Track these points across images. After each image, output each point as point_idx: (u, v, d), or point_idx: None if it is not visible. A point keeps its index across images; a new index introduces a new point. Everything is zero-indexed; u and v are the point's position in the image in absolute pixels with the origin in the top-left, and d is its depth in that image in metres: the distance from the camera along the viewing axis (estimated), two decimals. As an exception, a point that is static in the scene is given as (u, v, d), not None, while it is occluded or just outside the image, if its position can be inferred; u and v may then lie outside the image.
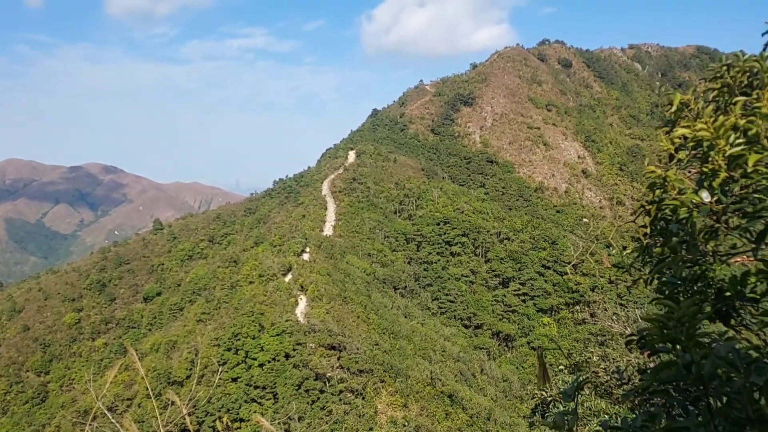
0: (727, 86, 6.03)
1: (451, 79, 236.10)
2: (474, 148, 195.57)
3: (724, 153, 5.31)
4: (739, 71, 5.91)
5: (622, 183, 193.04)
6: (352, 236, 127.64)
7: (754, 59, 5.78)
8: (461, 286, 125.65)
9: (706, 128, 5.39)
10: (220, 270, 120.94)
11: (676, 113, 6.48)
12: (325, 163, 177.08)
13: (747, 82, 5.90)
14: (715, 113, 6.26)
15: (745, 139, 5.40)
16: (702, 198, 5.15)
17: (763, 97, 5.45)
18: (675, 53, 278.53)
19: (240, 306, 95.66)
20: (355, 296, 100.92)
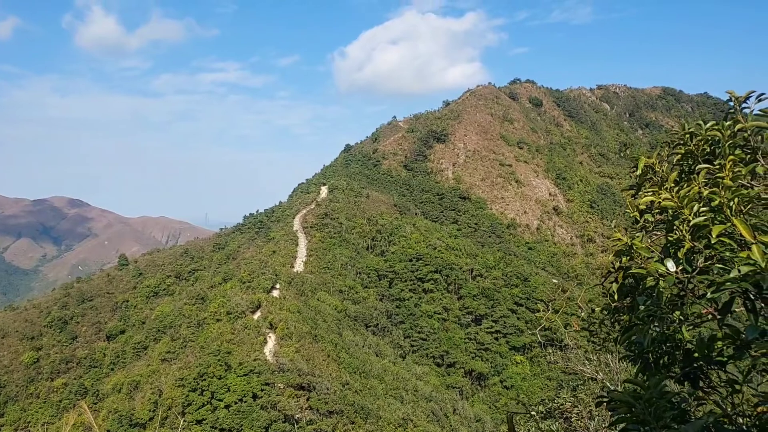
0: (690, 153, 5.74)
1: (424, 115, 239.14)
2: (447, 185, 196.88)
3: (688, 223, 4.93)
4: (701, 139, 5.63)
5: (592, 220, 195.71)
6: (323, 272, 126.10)
7: (716, 128, 5.50)
8: (434, 323, 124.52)
9: (671, 198, 5.05)
10: (187, 307, 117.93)
11: (641, 176, 6.16)
12: (296, 198, 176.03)
13: (709, 150, 5.61)
14: (679, 177, 5.93)
15: (709, 209, 5.02)
16: (667, 268, 4.89)
17: (725, 167, 5.13)
18: (642, 94, 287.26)
19: (206, 344, 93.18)
20: (325, 334, 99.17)
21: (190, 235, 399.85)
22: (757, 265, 4.19)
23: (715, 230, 4.72)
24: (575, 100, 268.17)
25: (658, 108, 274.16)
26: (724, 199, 4.79)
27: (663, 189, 5.41)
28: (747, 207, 4.95)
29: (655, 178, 6.12)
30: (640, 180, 6.12)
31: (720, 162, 5.08)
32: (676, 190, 5.00)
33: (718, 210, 4.86)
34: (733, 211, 4.87)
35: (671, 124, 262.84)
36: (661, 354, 5.17)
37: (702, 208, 4.96)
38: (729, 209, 4.90)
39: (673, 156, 5.96)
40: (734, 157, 5.10)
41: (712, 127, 5.40)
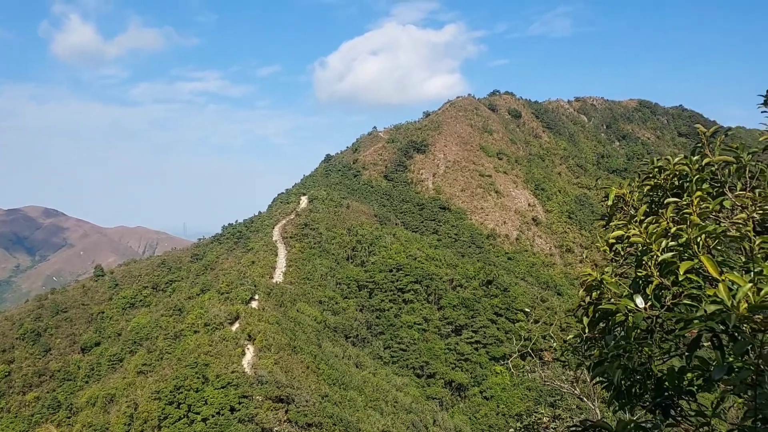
0: (659, 186, 5.77)
1: (404, 126, 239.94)
2: (427, 195, 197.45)
3: (656, 259, 4.91)
4: (669, 174, 5.66)
5: (570, 231, 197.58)
6: (303, 283, 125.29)
7: (683, 163, 5.54)
8: (414, 334, 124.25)
9: (639, 234, 5.04)
10: (164, 319, 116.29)
11: (612, 207, 6.18)
12: (276, 209, 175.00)
13: (678, 184, 5.64)
14: (649, 208, 5.94)
15: (676, 243, 5.02)
16: (636, 304, 4.94)
17: (693, 203, 5.13)
18: (618, 106, 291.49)
19: (183, 357, 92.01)
20: (305, 345, 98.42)
21: (168, 246, 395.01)
22: (724, 303, 4.22)
23: (683, 267, 4.75)
24: (553, 112, 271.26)
25: (635, 120, 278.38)
26: (691, 236, 4.79)
27: (633, 222, 5.41)
28: (714, 243, 4.95)
29: (626, 208, 6.15)
30: (611, 211, 6.14)
31: (688, 198, 5.08)
32: (644, 226, 4.99)
33: (686, 246, 4.86)
34: (700, 248, 4.87)
35: (647, 136, 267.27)
36: (633, 383, 5.17)
37: (670, 242, 4.96)
38: (696, 245, 4.90)
39: (643, 187, 5.98)
40: (701, 192, 5.10)
41: (680, 161, 5.43)
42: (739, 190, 5.50)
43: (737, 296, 4.23)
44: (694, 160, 5.36)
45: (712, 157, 5.34)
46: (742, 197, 5.29)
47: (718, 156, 5.33)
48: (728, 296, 4.24)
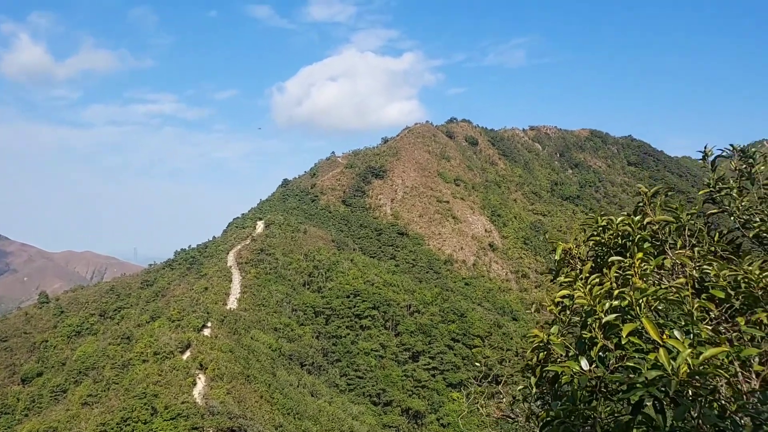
0: (603, 244, 5.83)
1: (362, 151, 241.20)
2: (385, 220, 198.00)
3: (600, 321, 4.90)
4: (613, 233, 5.72)
5: (526, 256, 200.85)
6: (257, 310, 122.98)
7: (626, 223, 5.61)
8: (371, 361, 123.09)
9: (584, 296, 5.05)
10: (111, 347, 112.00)
11: (559, 263, 6.19)
12: (231, 233, 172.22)
13: (621, 243, 5.70)
14: (595, 263, 5.96)
15: (620, 303, 5.01)
16: (581, 366, 5.03)
17: (634, 265, 5.14)
18: (571, 135, 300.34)
19: (131, 387, 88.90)
20: (258, 374, 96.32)
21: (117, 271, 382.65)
22: (664, 368, 4.27)
23: (625, 329, 4.79)
24: (509, 140, 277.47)
25: (587, 149, 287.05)
26: (632, 299, 4.80)
27: (579, 279, 5.42)
28: (656, 303, 4.95)
29: (573, 262, 6.16)
30: (558, 266, 6.15)
31: (630, 259, 5.10)
32: (589, 288, 4.98)
33: (629, 308, 4.87)
34: (642, 310, 4.87)
35: (599, 164, 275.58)
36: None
37: (614, 302, 4.98)
38: (638, 307, 4.90)
39: (590, 242, 6.02)
40: (642, 254, 5.13)
41: (623, 221, 5.49)
42: (679, 248, 5.56)
43: (677, 361, 4.28)
44: (636, 220, 5.42)
45: (653, 216, 5.41)
46: (682, 256, 5.35)
47: (659, 216, 5.40)
48: (668, 361, 4.29)
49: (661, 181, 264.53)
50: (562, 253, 6.10)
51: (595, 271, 5.79)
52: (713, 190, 6.52)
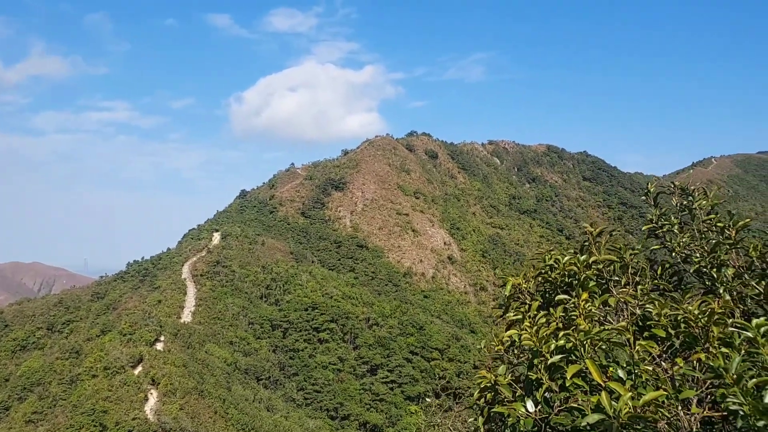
0: (550, 282, 5.86)
1: (322, 163, 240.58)
2: (344, 233, 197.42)
3: (546, 362, 4.89)
4: (560, 272, 5.76)
5: (484, 269, 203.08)
6: (213, 323, 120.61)
7: (572, 262, 5.66)
8: (328, 374, 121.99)
9: (530, 337, 5.06)
10: (59, 362, 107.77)
11: (509, 299, 6.19)
12: (186, 245, 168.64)
13: (568, 281, 5.74)
14: (543, 298, 5.98)
15: (565, 342, 5.02)
16: (527, 408, 5.01)
17: (579, 306, 5.18)
18: (529, 150, 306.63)
19: (80, 403, 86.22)
20: (213, 389, 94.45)
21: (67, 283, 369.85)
22: (606, 412, 4.28)
23: (570, 371, 4.79)
24: (468, 154, 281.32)
25: (543, 164, 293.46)
26: (577, 341, 4.82)
27: (527, 317, 5.44)
28: (598, 345, 4.97)
29: (522, 296, 6.18)
30: (508, 301, 6.16)
31: (576, 299, 5.13)
32: (535, 329, 4.99)
33: (573, 350, 4.89)
34: (585, 351, 4.88)
35: (555, 179, 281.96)
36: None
37: (560, 341, 4.99)
38: (583, 348, 4.91)
39: (539, 278, 6.05)
40: (588, 293, 5.17)
41: (569, 260, 5.54)
42: (623, 285, 5.63)
43: (619, 403, 4.29)
44: (582, 259, 5.49)
45: (598, 255, 5.49)
46: (626, 294, 5.42)
47: (604, 255, 5.48)
48: (610, 404, 4.30)
49: (614, 197, 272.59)
50: (512, 288, 6.13)
51: (543, 307, 5.82)
52: (656, 226, 6.64)
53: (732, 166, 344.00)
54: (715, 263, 6.32)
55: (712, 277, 6.29)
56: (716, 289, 6.30)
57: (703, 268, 6.34)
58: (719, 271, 6.26)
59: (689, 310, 5.01)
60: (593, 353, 4.81)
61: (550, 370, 4.94)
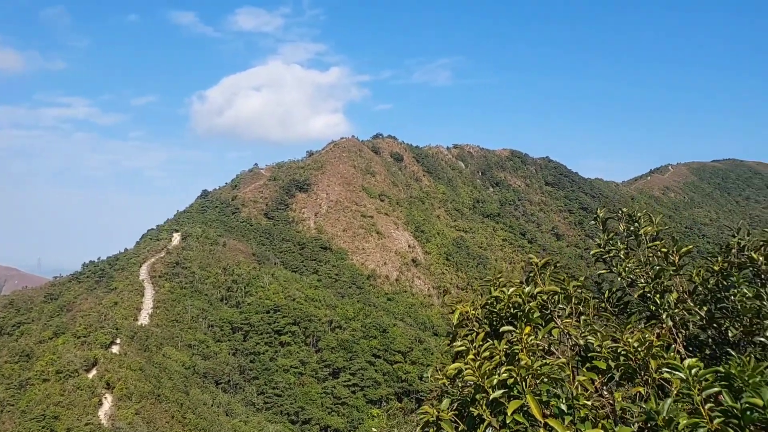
0: (495, 314, 5.83)
1: (287, 164, 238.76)
2: (308, 234, 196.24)
3: (488, 398, 4.80)
4: (504, 304, 5.73)
5: (448, 272, 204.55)
6: (171, 326, 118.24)
7: (517, 294, 5.64)
8: (290, 378, 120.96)
9: (472, 372, 4.96)
10: (8, 366, 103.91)
11: (457, 326, 6.12)
12: (145, 245, 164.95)
13: (513, 312, 5.71)
14: (490, 326, 5.92)
15: (507, 375, 4.94)
16: None
17: (522, 340, 5.12)
18: (493, 155, 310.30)
19: (29, 409, 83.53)
20: (170, 393, 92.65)
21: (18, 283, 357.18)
22: None
23: (510, 407, 4.75)
24: (433, 157, 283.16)
25: (507, 168, 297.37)
26: (518, 376, 4.75)
27: (472, 348, 5.37)
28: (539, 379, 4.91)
29: (470, 324, 6.12)
30: (455, 330, 6.09)
31: (520, 332, 5.08)
32: (478, 364, 4.91)
33: (514, 385, 4.82)
34: (527, 385, 4.81)
35: (518, 183, 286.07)
36: None
37: (502, 376, 4.92)
38: (524, 382, 4.84)
39: (485, 309, 6.01)
40: (529, 329, 5.12)
41: (514, 292, 5.52)
42: (566, 316, 5.61)
43: None
44: (527, 291, 5.46)
45: (543, 286, 5.47)
46: (569, 325, 5.40)
47: (548, 286, 5.47)
48: None
49: (575, 202, 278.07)
50: (460, 316, 6.07)
51: (490, 336, 5.78)
52: (603, 251, 6.66)
53: (688, 174, 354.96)
54: (659, 289, 6.38)
55: (655, 302, 6.35)
56: (660, 314, 6.36)
57: (648, 294, 6.39)
58: (662, 297, 6.32)
59: (629, 342, 5.00)
60: (536, 387, 4.77)
61: (492, 406, 4.87)
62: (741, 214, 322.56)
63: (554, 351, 5.39)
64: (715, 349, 6.38)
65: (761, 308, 5.89)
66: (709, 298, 6.33)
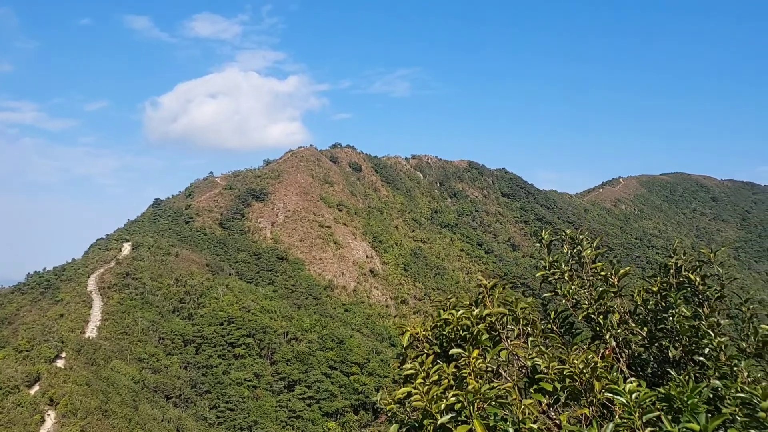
0: (445, 336, 5.86)
1: (243, 173, 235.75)
2: (264, 244, 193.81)
3: (435, 423, 4.79)
4: (453, 327, 5.78)
5: (406, 282, 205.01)
6: (120, 338, 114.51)
7: (467, 318, 5.70)
8: (243, 391, 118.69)
9: (420, 397, 4.97)
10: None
11: (408, 348, 6.12)
12: (94, 255, 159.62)
13: (462, 335, 5.75)
14: (440, 348, 5.94)
15: (455, 400, 4.95)
16: None
17: (470, 364, 5.16)
18: (451, 166, 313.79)
19: (-37, 429, 78.74)
20: (118, 409, 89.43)
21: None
22: None
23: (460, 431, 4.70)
24: (392, 168, 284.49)
25: (465, 179, 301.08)
26: (466, 402, 4.78)
27: (421, 371, 5.37)
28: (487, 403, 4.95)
29: (420, 345, 6.12)
30: (405, 351, 6.08)
31: (467, 354, 5.12)
32: (426, 389, 4.91)
33: (462, 410, 4.84)
34: (474, 410, 4.83)
35: (475, 194, 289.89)
36: None
37: (450, 400, 4.92)
38: (471, 407, 4.87)
39: (435, 330, 6.03)
40: (477, 352, 5.16)
41: (463, 314, 5.55)
42: (515, 337, 5.68)
43: None
44: (476, 313, 5.52)
45: (492, 308, 5.54)
46: (517, 347, 5.47)
47: (497, 308, 5.53)
48: None
49: (531, 213, 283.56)
50: (410, 338, 6.07)
51: (440, 357, 5.80)
52: (548, 273, 6.78)
53: (638, 186, 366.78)
54: (601, 310, 6.55)
55: (599, 323, 6.50)
56: (603, 335, 6.52)
57: (591, 315, 6.54)
58: (605, 318, 6.49)
59: (575, 364, 5.11)
60: (483, 411, 4.80)
61: (440, 431, 4.88)
62: (688, 225, 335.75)
63: (502, 373, 5.46)
64: (656, 367, 6.56)
65: (699, 328, 6.09)
66: (650, 318, 6.52)
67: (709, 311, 6.21)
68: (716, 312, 6.23)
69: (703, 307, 6.36)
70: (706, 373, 5.98)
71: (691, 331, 6.14)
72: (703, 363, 6.06)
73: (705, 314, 6.16)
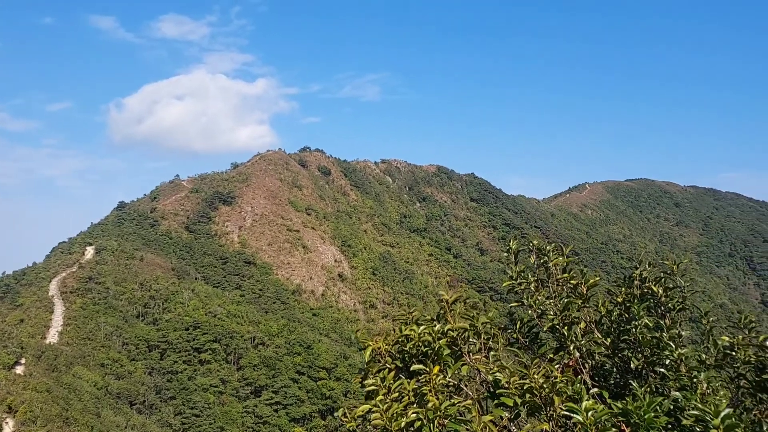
0: (407, 352, 5.77)
1: (210, 176, 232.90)
2: (232, 248, 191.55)
3: None
4: (415, 342, 5.70)
5: (374, 287, 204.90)
6: (82, 344, 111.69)
7: (429, 334, 5.63)
8: (209, 397, 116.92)
9: (380, 415, 4.87)
10: None
11: (369, 364, 6.01)
12: (56, 259, 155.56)
13: (423, 351, 5.67)
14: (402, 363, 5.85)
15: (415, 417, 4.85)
16: None
17: (431, 380, 5.08)
18: (420, 170, 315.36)
19: None
20: (80, 416, 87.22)
21: None
22: None
23: None
24: (361, 172, 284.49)
25: (434, 184, 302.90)
26: (425, 419, 4.69)
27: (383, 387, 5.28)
28: (447, 420, 4.86)
29: (383, 360, 6.02)
30: (368, 366, 5.98)
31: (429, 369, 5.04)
32: (386, 407, 4.81)
33: (422, 427, 4.76)
34: (434, 426, 4.75)
35: (444, 199, 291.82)
36: None
37: (410, 418, 4.84)
38: (431, 424, 4.78)
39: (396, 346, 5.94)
40: (438, 369, 5.09)
41: (425, 330, 5.49)
42: (476, 351, 5.61)
43: None
44: (437, 329, 5.45)
45: (453, 323, 5.47)
46: (478, 362, 5.40)
47: (458, 323, 5.47)
48: None
49: (499, 218, 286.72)
50: (372, 353, 5.97)
51: (403, 371, 5.71)
52: (515, 283, 6.75)
53: (603, 192, 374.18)
54: (566, 321, 6.54)
55: (563, 334, 6.49)
56: (567, 346, 6.50)
57: (557, 325, 6.53)
58: (570, 329, 6.48)
59: (535, 378, 5.06)
60: (443, 429, 4.72)
61: (401, 449, 4.78)
62: (652, 231, 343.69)
63: (463, 388, 5.39)
64: (619, 378, 6.58)
65: (660, 339, 6.12)
66: (614, 329, 6.54)
67: (671, 323, 6.25)
68: (678, 324, 6.27)
69: (665, 319, 6.40)
70: (667, 384, 6.01)
71: (652, 342, 6.17)
72: (664, 374, 6.09)
73: (666, 326, 6.20)
